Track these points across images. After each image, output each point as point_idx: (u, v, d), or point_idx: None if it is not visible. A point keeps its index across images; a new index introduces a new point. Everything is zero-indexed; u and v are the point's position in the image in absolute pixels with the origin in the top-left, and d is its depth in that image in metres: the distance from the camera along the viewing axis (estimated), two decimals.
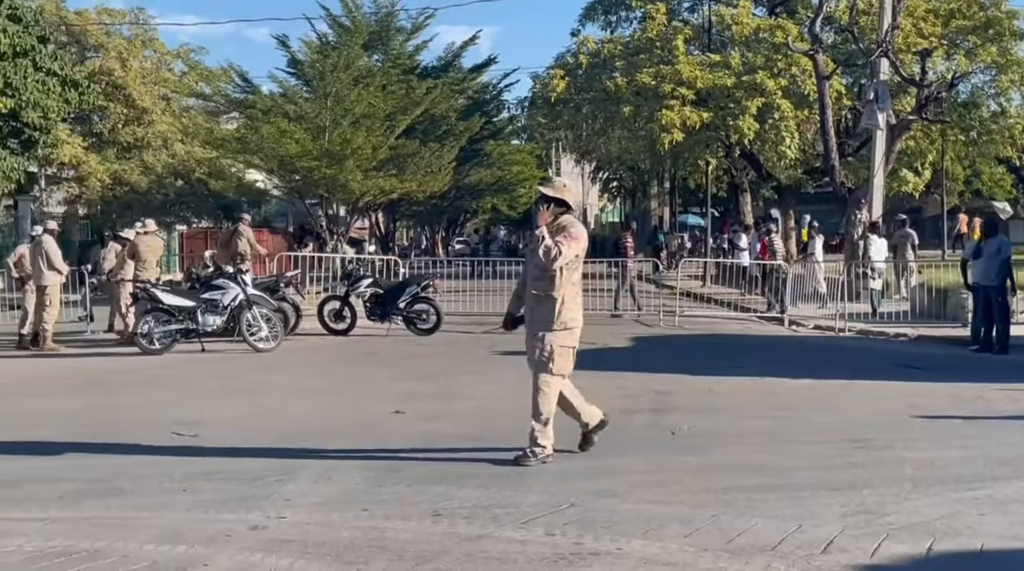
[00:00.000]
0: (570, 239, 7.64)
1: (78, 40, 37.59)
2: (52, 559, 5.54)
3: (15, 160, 24.62)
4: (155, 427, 9.73)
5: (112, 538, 5.88)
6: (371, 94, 30.08)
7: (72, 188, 39.56)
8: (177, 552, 5.65)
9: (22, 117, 23.67)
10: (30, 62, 23.61)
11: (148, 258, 17.37)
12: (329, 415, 10.51)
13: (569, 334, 7.80)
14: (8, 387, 12.99)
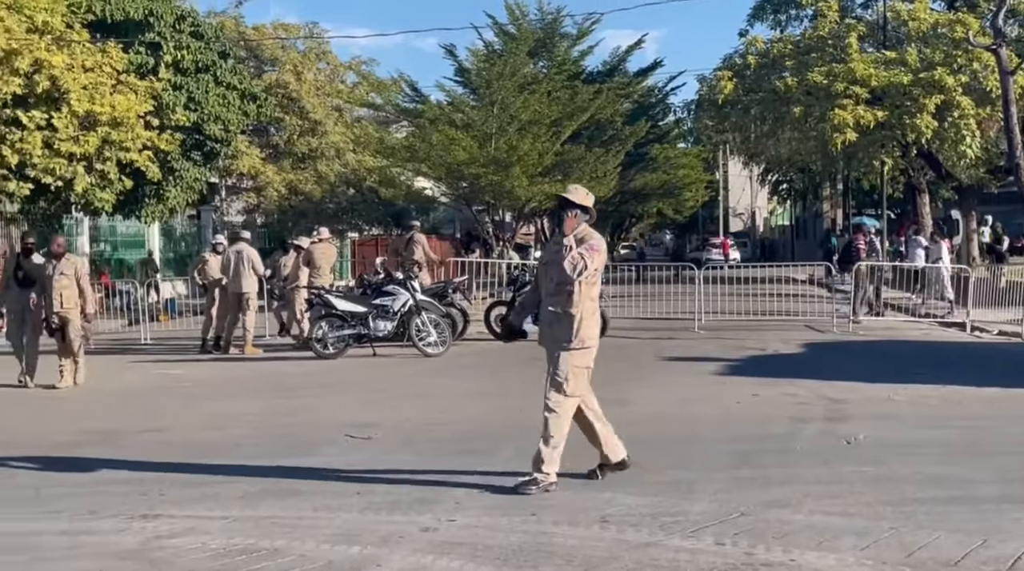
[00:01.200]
0: (593, 251, 7.16)
1: (255, 55, 39.02)
2: (234, 557, 5.77)
3: (198, 171, 25.72)
4: (329, 429, 10.04)
5: (290, 537, 6.10)
6: (537, 100, 30.31)
7: (251, 198, 41.14)
8: (352, 552, 5.81)
9: (204, 130, 24.72)
10: (211, 77, 24.66)
11: (322, 265, 17.95)
12: (497, 419, 10.62)
13: (586, 353, 7.30)
14: (194, 390, 13.59)
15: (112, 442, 9.75)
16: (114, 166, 21.75)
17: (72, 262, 13.67)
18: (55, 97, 20.57)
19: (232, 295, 17.60)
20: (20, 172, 20.68)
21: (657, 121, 45.66)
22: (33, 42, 19.54)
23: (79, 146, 20.59)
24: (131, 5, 23.09)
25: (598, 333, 7.44)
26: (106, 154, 21.42)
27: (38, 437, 10.18)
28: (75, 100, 20.40)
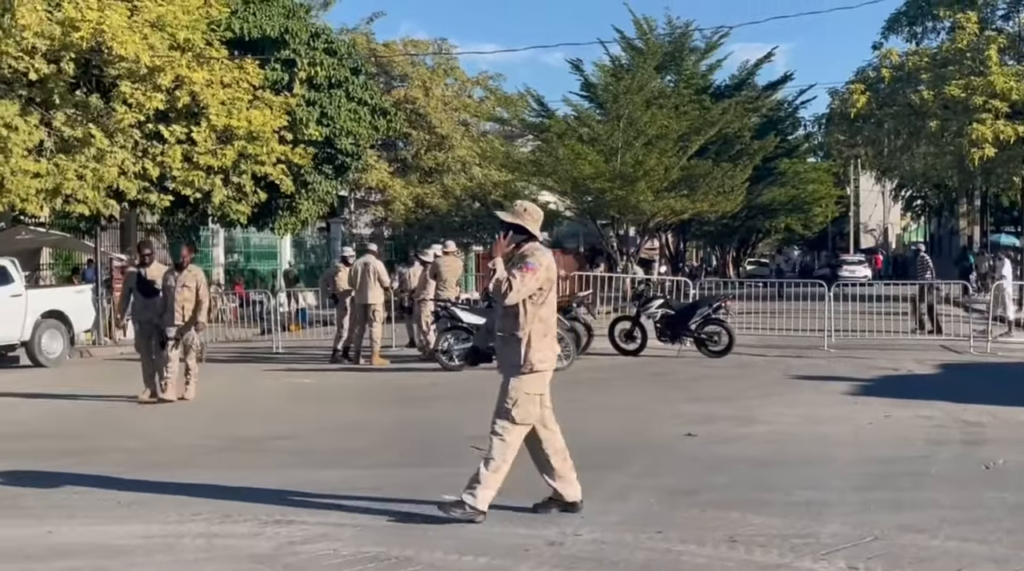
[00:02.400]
0: (526, 270, 6.63)
1: (385, 70, 39.78)
2: (365, 564, 5.86)
3: (329, 184, 26.33)
4: (455, 441, 10.12)
5: (419, 546, 6.17)
6: (664, 115, 30.20)
7: (378, 211, 41.92)
8: (479, 563, 5.85)
9: (336, 144, 25.30)
10: (343, 93, 25.24)
11: (448, 278, 18.16)
12: (621, 434, 10.58)
13: (538, 378, 6.84)
14: (323, 399, 13.88)
15: (245, 448, 10.02)
16: (249, 179, 22.39)
17: (194, 274, 13.43)
18: (195, 112, 21.28)
19: (359, 307, 17.91)
20: (161, 184, 21.45)
21: (786, 135, 45.03)
22: (175, 59, 20.25)
23: (217, 159, 21.25)
24: (268, 23, 23.78)
25: (552, 356, 6.93)
26: (242, 167, 22.07)
27: (174, 443, 10.52)
28: (214, 115, 21.07)
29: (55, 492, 7.87)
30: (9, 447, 10.41)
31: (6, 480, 8.51)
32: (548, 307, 6.86)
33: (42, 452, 9.99)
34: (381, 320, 17.98)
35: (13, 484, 8.31)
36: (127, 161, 20.27)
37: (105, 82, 20.74)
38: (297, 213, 25.88)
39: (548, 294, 6.82)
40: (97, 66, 20.39)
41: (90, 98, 20.50)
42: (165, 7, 20.32)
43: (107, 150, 19.78)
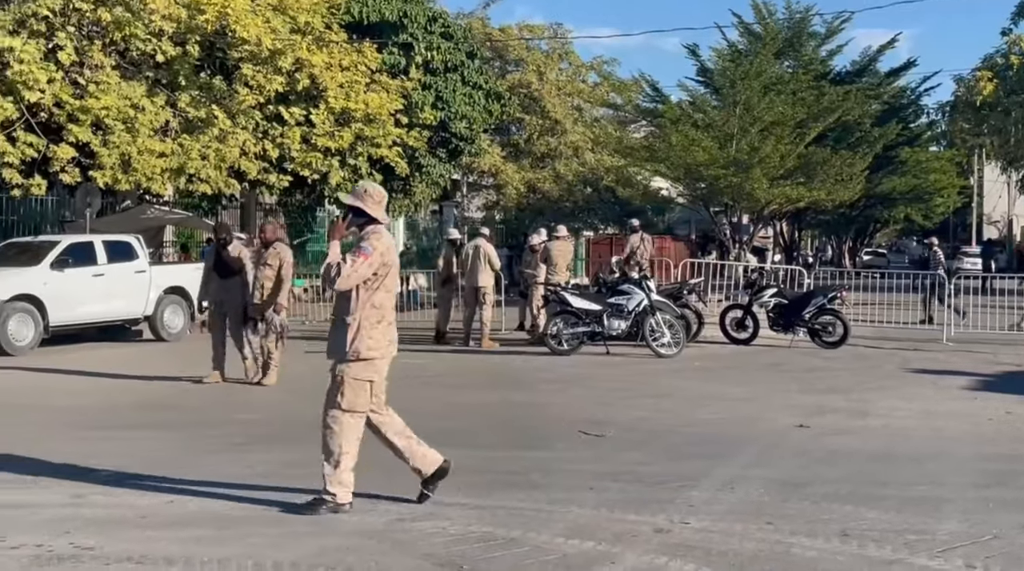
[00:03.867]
0: (359, 255, 6.37)
1: (500, 55, 39.86)
2: (472, 543, 5.91)
3: (443, 167, 26.55)
4: (563, 425, 10.15)
5: (526, 528, 6.19)
6: (781, 101, 29.66)
7: (490, 195, 42.10)
8: (585, 547, 5.84)
9: (450, 128, 25.48)
10: (459, 77, 25.38)
11: (559, 262, 18.16)
12: (731, 423, 10.46)
13: (366, 365, 6.53)
14: (433, 380, 14.00)
15: None
16: (365, 161, 22.70)
17: (278, 253, 12.74)
18: (313, 95, 21.64)
19: (469, 289, 18.02)
20: (280, 165, 21.87)
21: (908, 123, 43.84)
22: (296, 42, 20.58)
23: (334, 141, 21.59)
24: (387, 7, 24.03)
25: (385, 343, 6.62)
26: (358, 149, 22.39)
27: (287, 418, 10.72)
28: (332, 98, 21.40)
29: (173, 462, 8.09)
30: (135, 419, 10.76)
31: (127, 451, 8.79)
32: (384, 293, 6.58)
33: (165, 424, 10.30)
34: (491, 303, 18.06)
35: (130, 455, 8.58)
36: (248, 142, 20.72)
37: (228, 64, 21.21)
38: (411, 195, 26.18)
39: (385, 280, 6.55)
40: (221, 49, 20.85)
41: (213, 80, 20.99)
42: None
43: (229, 131, 20.24)
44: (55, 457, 8.31)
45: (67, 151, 18.56)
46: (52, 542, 5.87)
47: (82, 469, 7.85)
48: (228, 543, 5.90)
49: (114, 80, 19.04)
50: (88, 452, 8.60)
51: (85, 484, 7.31)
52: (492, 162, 37.84)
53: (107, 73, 19.05)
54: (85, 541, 5.87)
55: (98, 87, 18.76)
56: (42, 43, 18.47)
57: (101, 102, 18.54)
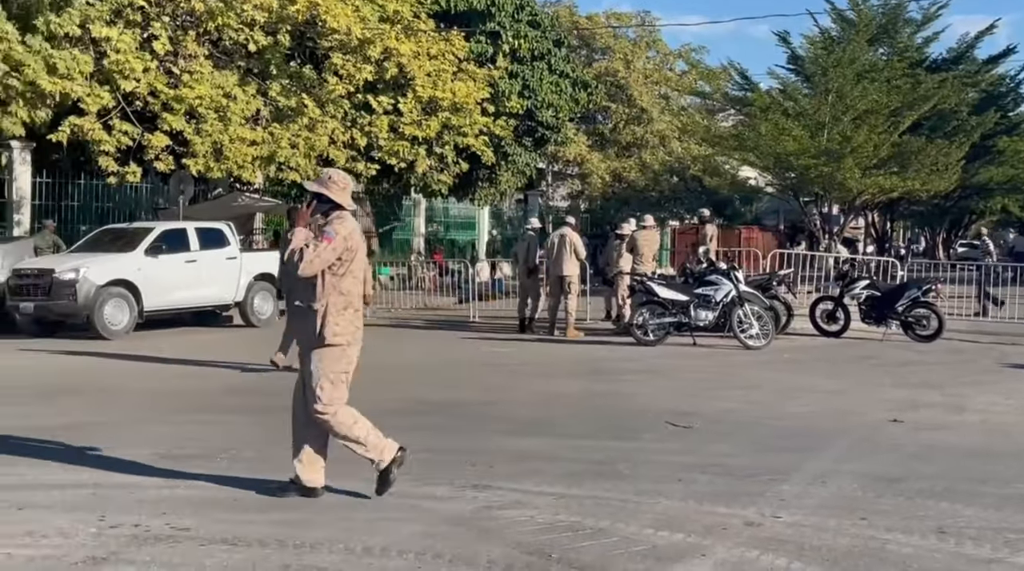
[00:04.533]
0: (322, 240, 6.32)
1: (587, 43, 39.75)
2: (561, 532, 5.89)
3: (528, 156, 26.56)
4: (649, 415, 10.08)
5: (614, 519, 6.16)
6: (875, 89, 29.00)
7: (575, 184, 42.02)
8: (675, 539, 5.80)
9: (536, 116, 25.46)
10: (546, 65, 25.35)
11: (645, 252, 18.04)
12: (822, 416, 10.29)
13: (339, 356, 6.50)
14: (519, 368, 14.03)
15: (444, 413, 10.23)
16: (452, 150, 22.81)
17: None
18: (401, 83, 21.81)
19: (554, 278, 17.98)
20: (367, 154, 22.09)
21: (1007, 111, 42.56)
22: (384, 31, 20.77)
23: (421, 130, 21.73)
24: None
25: (351, 331, 6.54)
26: (445, 138, 22.51)
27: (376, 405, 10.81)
28: (419, 86, 21.54)
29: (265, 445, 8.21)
30: (228, 403, 10.96)
31: (220, 434, 8.96)
32: (351, 279, 6.50)
33: (256, 408, 10.47)
34: (576, 292, 18.01)
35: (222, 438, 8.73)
36: (337, 130, 20.96)
37: (318, 54, 21.48)
38: (497, 184, 26.24)
39: (350, 265, 6.47)
40: (311, 38, 21.12)
41: (303, 69, 21.27)
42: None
43: (318, 120, 20.50)
44: (151, 439, 8.51)
45: (161, 139, 18.97)
46: (149, 522, 6.00)
47: (177, 451, 8.02)
48: (320, 527, 5.97)
49: (207, 69, 19.41)
50: (182, 435, 8.80)
51: (180, 466, 7.46)
52: (577, 151, 37.77)
53: (200, 62, 19.43)
54: (181, 522, 5.99)
55: (192, 76, 19.15)
56: (138, 33, 18.90)
57: (195, 91, 18.92)
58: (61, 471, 7.40)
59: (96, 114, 18.40)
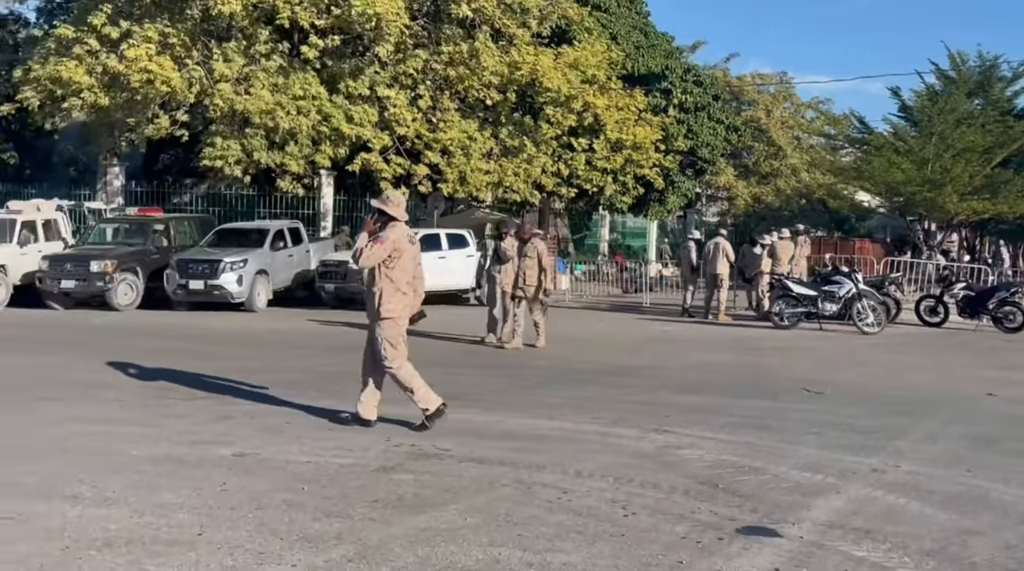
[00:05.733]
0: (376, 242, 6.48)
1: (736, 97, 38.55)
2: (724, 468, 5.75)
3: (690, 183, 25.99)
4: (787, 382, 9.71)
5: (766, 461, 5.96)
6: (971, 132, 27.02)
7: (723, 205, 40.93)
8: (815, 479, 5.56)
9: (697, 153, 24.89)
10: (706, 114, 24.73)
11: (781, 257, 17.37)
12: (926, 389, 9.67)
13: (392, 324, 6.54)
14: (682, 343, 13.75)
15: (629, 374, 10.13)
16: (632, 178, 22.56)
17: (534, 245, 12.09)
18: (595, 128, 21.70)
19: (709, 275, 17.58)
20: (568, 181, 22.12)
21: None
22: (585, 90, 20.72)
23: (609, 163, 21.60)
24: (653, 62, 23.74)
25: (399, 308, 6.57)
26: (627, 169, 22.28)
27: (573, 366, 10.83)
28: (609, 131, 21.39)
29: (498, 392, 8.35)
30: (468, 361, 11.17)
31: (462, 382, 9.15)
32: (398, 270, 6.55)
33: (486, 365, 10.64)
34: (726, 286, 17.54)
35: (463, 386, 8.91)
36: (547, 163, 21.08)
37: (535, 107, 21.61)
38: (665, 204, 25.78)
39: (398, 261, 6.54)
40: (530, 95, 21.28)
41: (524, 118, 21.45)
42: (580, 53, 20.83)
43: (534, 155, 20.66)
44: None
45: (423, 170, 19.52)
46: (421, 443, 6.19)
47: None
48: (541, 453, 6.01)
49: (456, 119, 19.85)
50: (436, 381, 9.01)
51: None
52: (726, 179, 36.72)
53: (451, 114, 19.89)
54: (443, 445, 6.14)
55: (445, 124, 19.62)
56: (408, 93, 19.50)
57: (447, 134, 19.38)
58: (354, 405, 7.62)
59: (379, 151, 19.09)
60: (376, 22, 17.75)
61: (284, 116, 17.60)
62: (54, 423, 6.67)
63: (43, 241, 17.64)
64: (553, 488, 5.15)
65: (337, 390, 8.22)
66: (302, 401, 7.65)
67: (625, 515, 4.72)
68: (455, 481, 5.27)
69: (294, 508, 4.65)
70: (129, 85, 17.22)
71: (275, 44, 18.40)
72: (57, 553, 3.95)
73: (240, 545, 4.10)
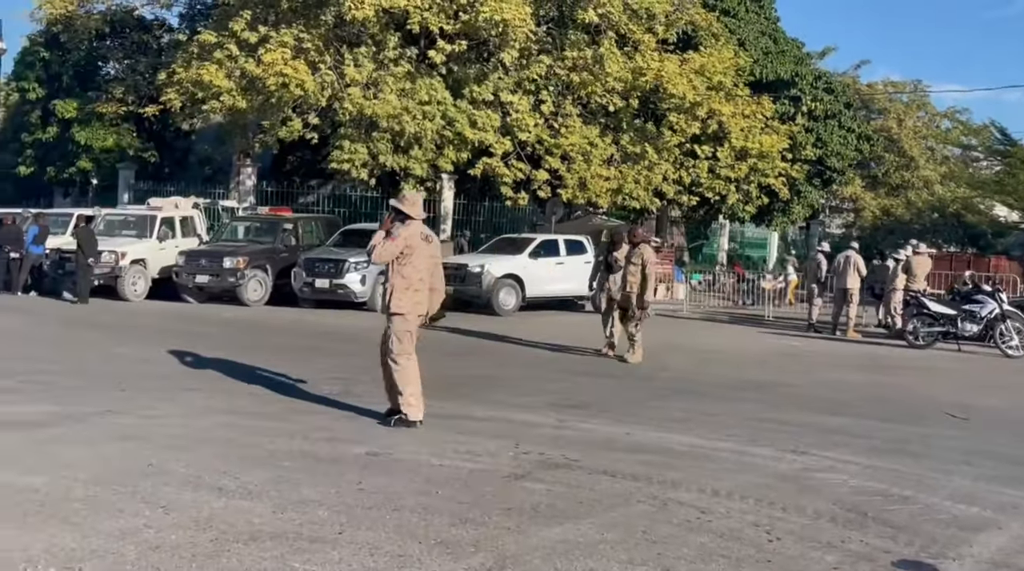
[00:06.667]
0: (391, 240, 6.70)
1: (866, 105, 37.10)
2: (871, 496, 5.42)
3: (816, 194, 25.14)
4: (929, 405, 9.19)
5: (916, 490, 5.60)
6: None
7: (848, 217, 39.45)
8: (972, 512, 5.19)
9: (825, 162, 24.04)
10: (836, 123, 23.87)
11: (918, 273, 16.54)
12: None
13: (403, 320, 6.68)
14: (809, 359, 13.24)
15: (759, 389, 9.79)
16: (755, 187, 21.96)
17: (640, 252, 11.39)
18: (719, 136, 21.21)
19: (838, 290, 16.89)
20: (689, 189, 21.69)
21: None
22: (710, 97, 20.28)
23: (733, 172, 21.08)
24: (782, 69, 23.07)
25: (408, 305, 6.69)
26: (751, 178, 21.70)
27: (700, 379, 10.54)
28: (734, 139, 20.88)
29: (624, 403, 8.19)
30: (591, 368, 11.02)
31: (590, 390, 9.01)
32: (410, 268, 6.71)
33: (606, 374, 10.47)
34: (856, 301, 16.81)
35: (587, 394, 8.76)
36: (668, 171, 20.72)
37: (658, 113, 21.31)
38: (789, 214, 25.00)
39: (410, 258, 6.71)
40: (653, 102, 20.98)
41: (646, 125, 21.17)
42: (706, 58, 20.40)
43: (655, 162, 20.34)
44: (541, 390, 8.73)
45: (543, 175, 19.49)
46: (550, 452, 6.09)
47: (561, 402, 8.15)
48: (676, 469, 5.81)
49: (577, 125, 19.75)
50: (561, 389, 8.94)
51: (564, 414, 7.56)
52: (853, 191, 35.34)
53: (573, 119, 19.80)
54: (572, 455, 6.03)
55: (566, 129, 19.54)
56: (531, 98, 19.52)
57: (568, 140, 19.30)
58: (479, 408, 7.67)
59: (500, 156, 19.18)
60: (503, 28, 17.84)
61: (410, 120, 17.89)
62: (197, 413, 6.90)
63: (180, 237, 18.48)
64: (690, 507, 4.97)
65: (465, 393, 8.25)
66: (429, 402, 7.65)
67: (770, 540, 4.50)
68: (588, 493, 5.15)
69: (430, 512, 4.63)
70: (265, 88, 17.84)
71: (403, 49, 18.73)
72: (207, 544, 4.03)
73: (380, 547, 4.10)
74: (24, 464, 5.16)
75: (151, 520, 4.30)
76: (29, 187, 27.51)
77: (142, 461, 5.34)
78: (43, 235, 17.57)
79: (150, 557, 3.84)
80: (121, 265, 17.20)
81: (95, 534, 4.07)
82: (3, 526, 4.13)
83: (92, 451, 5.57)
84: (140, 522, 4.26)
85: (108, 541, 4.00)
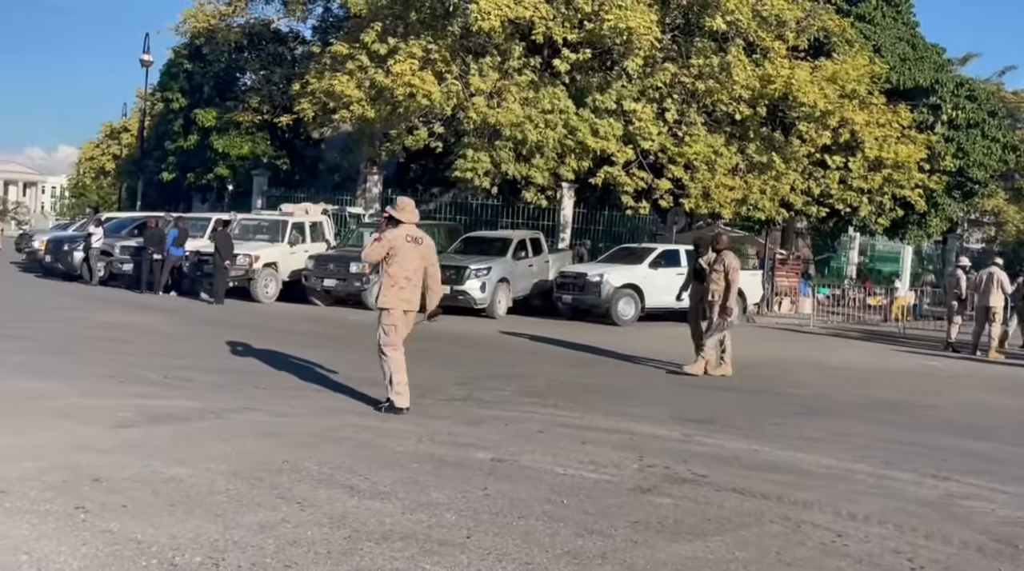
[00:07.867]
0: (375, 241, 7.34)
1: (1012, 114, 35.11)
2: (1021, 527, 5.08)
3: (956, 206, 23.92)
4: None
5: None
6: None
7: (989, 231, 37.41)
8: None
9: (966, 173, 22.86)
10: (979, 132, 22.68)
11: None
12: None
13: (387, 314, 7.23)
14: (948, 380, 12.56)
15: (894, 410, 9.35)
16: (889, 199, 21.10)
17: (722, 258, 10.93)
18: (852, 146, 20.50)
19: (980, 308, 15.99)
20: (818, 200, 21.01)
21: None
22: (843, 105, 19.63)
23: (866, 183, 20.33)
24: (921, 75, 22.12)
25: (393, 301, 7.21)
26: (885, 190, 20.88)
27: (832, 397, 10.16)
28: (868, 148, 20.15)
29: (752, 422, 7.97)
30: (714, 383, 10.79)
31: (707, 404, 8.82)
32: (395, 267, 7.21)
33: (732, 388, 10.22)
34: (1000, 321, 15.88)
35: (709, 409, 8.57)
36: (797, 181, 20.16)
37: (786, 122, 20.75)
38: (925, 227, 23.89)
39: (395, 258, 7.21)
40: (782, 110, 20.47)
41: (774, 133, 20.65)
42: (839, 66, 19.78)
43: (783, 172, 19.82)
44: (662, 402, 8.57)
45: (665, 184, 19.29)
46: (676, 467, 5.98)
47: (684, 415, 7.99)
48: (809, 490, 5.60)
49: (702, 133, 19.45)
50: (684, 403, 8.77)
51: (688, 428, 7.41)
52: (995, 203, 33.50)
53: (698, 128, 19.52)
54: (699, 470, 5.91)
55: (691, 138, 19.27)
56: (654, 106, 19.34)
57: (692, 149, 19.03)
58: (600, 418, 7.59)
59: (622, 165, 19.08)
60: (627, 36, 17.76)
61: (532, 129, 18.01)
62: (327, 413, 7.12)
63: (309, 241, 19.17)
64: (825, 530, 4.78)
65: (586, 402, 8.22)
66: (551, 411, 7.70)
67: (912, 569, 4.28)
68: (717, 510, 5.02)
69: (555, 521, 4.62)
70: (393, 98, 18.33)
71: (527, 59, 18.89)
72: (341, 541, 4.14)
73: (507, 553, 4.12)
74: (171, 456, 5.44)
75: (288, 515, 4.45)
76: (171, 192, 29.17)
77: (277, 457, 5.54)
78: (183, 238, 18.56)
79: (288, 551, 3.97)
80: (255, 268, 17.97)
81: (236, 526, 4.24)
82: (155, 514, 4.36)
83: (231, 446, 5.81)
84: (278, 516, 4.42)
85: (249, 534, 4.16)
